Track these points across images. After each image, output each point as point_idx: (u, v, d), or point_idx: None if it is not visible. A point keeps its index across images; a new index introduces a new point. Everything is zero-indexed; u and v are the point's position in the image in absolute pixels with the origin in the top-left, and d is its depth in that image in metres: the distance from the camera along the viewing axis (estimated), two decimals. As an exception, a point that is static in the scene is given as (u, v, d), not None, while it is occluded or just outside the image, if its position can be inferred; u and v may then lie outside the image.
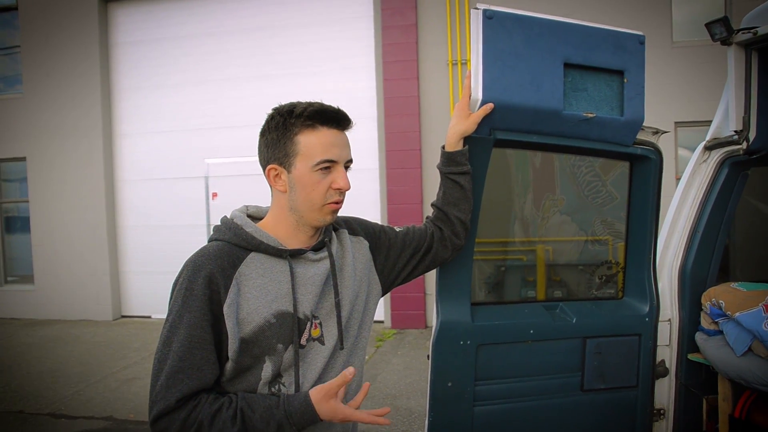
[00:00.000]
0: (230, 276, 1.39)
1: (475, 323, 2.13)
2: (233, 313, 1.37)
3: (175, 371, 1.32)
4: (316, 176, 1.43)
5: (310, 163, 1.42)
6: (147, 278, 9.48)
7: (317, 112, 1.43)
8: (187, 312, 1.34)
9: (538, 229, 2.53)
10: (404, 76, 8.34)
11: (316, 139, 1.42)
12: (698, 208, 2.55)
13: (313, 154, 1.42)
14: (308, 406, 1.37)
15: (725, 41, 2.35)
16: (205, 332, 1.35)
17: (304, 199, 1.45)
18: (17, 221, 10.36)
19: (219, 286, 1.37)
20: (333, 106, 1.46)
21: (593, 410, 2.33)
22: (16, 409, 5.40)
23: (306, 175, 1.43)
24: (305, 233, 1.51)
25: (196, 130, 9.25)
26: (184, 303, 1.35)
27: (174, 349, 1.33)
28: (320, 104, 1.45)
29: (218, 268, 1.38)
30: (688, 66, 7.66)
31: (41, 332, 8.73)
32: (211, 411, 1.32)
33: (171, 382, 1.31)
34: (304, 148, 1.42)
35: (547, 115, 1.97)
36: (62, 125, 9.59)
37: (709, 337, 2.46)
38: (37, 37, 9.69)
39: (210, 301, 1.35)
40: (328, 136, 1.43)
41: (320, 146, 1.42)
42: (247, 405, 1.35)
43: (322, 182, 1.44)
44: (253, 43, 9.04)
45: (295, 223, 1.49)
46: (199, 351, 1.34)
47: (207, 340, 1.35)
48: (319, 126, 1.43)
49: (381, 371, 6.23)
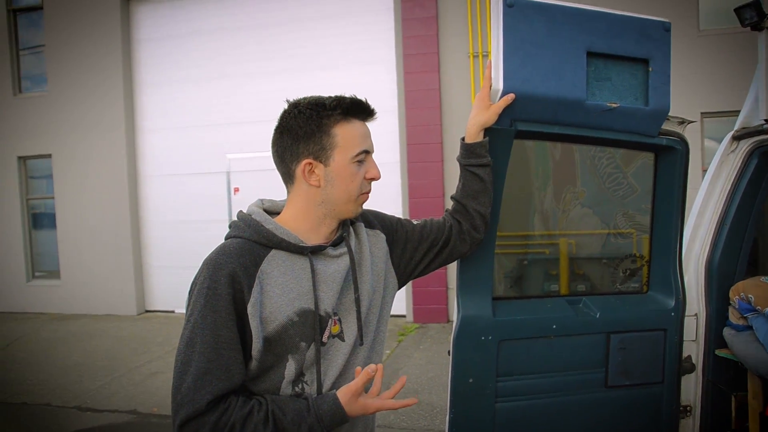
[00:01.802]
0: (253, 274, 1.37)
1: (496, 318, 2.10)
2: (257, 312, 1.35)
3: (202, 372, 1.28)
4: (354, 168, 1.45)
5: (350, 154, 1.44)
6: (170, 273, 9.58)
7: (352, 104, 1.44)
8: (210, 312, 1.31)
9: (559, 222, 2.49)
10: (425, 69, 8.29)
11: (352, 131, 1.44)
12: (726, 199, 2.49)
13: (352, 146, 1.44)
14: (338, 408, 1.36)
15: (756, 26, 2.28)
16: (232, 332, 1.32)
17: (343, 191, 1.46)
18: (44, 217, 10.54)
19: (242, 285, 1.34)
20: (362, 98, 1.48)
21: (617, 407, 2.29)
22: (43, 402, 5.51)
23: (345, 168, 1.44)
24: (328, 227, 1.50)
25: (217, 125, 9.31)
26: (207, 303, 1.32)
27: (199, 350, 1.30)
28: (352, 97, 1.46)
29: (241, 266, 1.36)
30: (715, 55, 7.50)
31: (67, 327, 8.88)
32: (243, 414, 1.30)
33: (199, 384, 1.28)
34: (342, 140, 1.43)
35: (570, 105, 1.92)
36: (86, 121, 9.73)
37: (737, 333, 2.40)
38: (61, 36, 9.83)
39: (234, 301, 1.33)
40: (361, 128, 1.47)
41: (359, 137, 1.45)
42: (278, 408, 1.34)
43: (359, 173, 1.46)
44: (273, 38, 9.06)
45: (321, 217, 1.48)
46: (226, 351, 1.31)
47: (234, 340, 1.33)
48: (351, 118, 1.45)
49: (403, 365, 6.22)
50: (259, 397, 1.37)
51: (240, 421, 1.29)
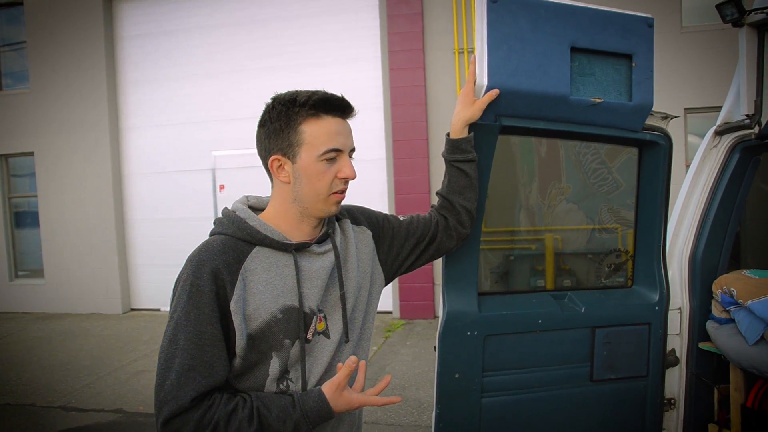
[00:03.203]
0: (236, 271, 1.36)
1: (482, 313, 2.10)
2: (240, 309, 1.35)
3: (186, 369, 1.28)
4: (322, 166, 1.41)
5: (316, 152, 1.40)
6: (155, 271, 9.51)
7: (321, 100, 1.40)
8: (194, 308, 1.31)
9: (544, 217, 2.50)
10: (410, 66, 8.29)
11: (321, 128, 1.40)
12: (709, 194, 2.51)
13: (319, 144, 1.39)
14: (323, 403, 1.36)
15: (737, 22, 2.30)
16: (215, 329, 1.32)
17: (310, 189, 1.42)
18: (27, 216, 10.42)
19: (225, 282, 1.34)
20: (336, 94, 1.43)
21: (602, 401, 2.30)
22: (27, 402, 5.44)
23: (311, 165, 1.41)
24: (309, 224, 1.48)
25: (203, 122, 9.25)
26: (190, 299, 1.31)
27: (182, 346, 1.29)
28: (323, 92, 1.42)
29: (224, 263, 1.35)
30: (697, 51, 7.57)
31: (51, 326, 8.79)
32: (227, 411, 1.29)
33: (183, 381, 1.27)
34: (309, 137, 1.39)
35: (554, 100, 1.93)
36: (69, 120, 9.62)
37: (720, 326, 2.43)
38: (43, 32, 9.71)
39: (217, 297, 1.32)
40: (332, 125, 1.41)
41: (325, 135, 1.40)
42: (263, 405, 1.33)
43: (328, 172, 1.42)
44: (259, 34, 9.02)
45: (298, 214, 1.46)
46: (209, 348, 1.31)
47: (217, 337, 1.32)
48: (323, 115, 1.40)
49: (390, 362, 6.22)
50: (244, 394, 1.36)
51: (224, 419, 1.28)
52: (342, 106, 1.43)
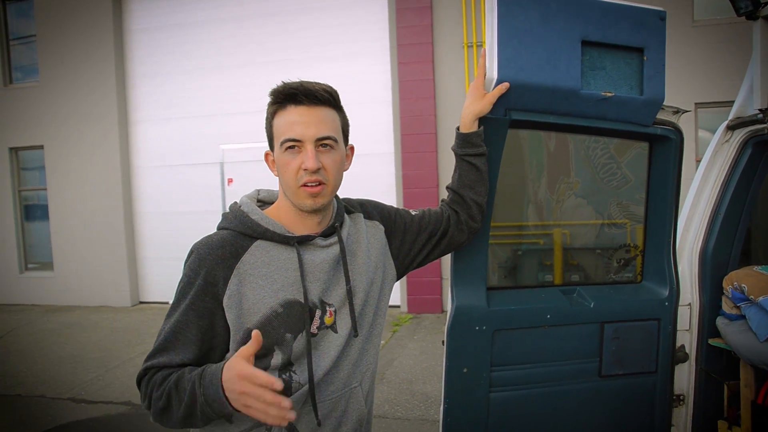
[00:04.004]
0: (231, 266, 1.37)
1: (490, 308, 2.10)
2: (234, 304, 1.36)
3: (158, 349, 1.37)
4: (286, 157, 1.39)
5: (278, 144, 1.40)
6: (164, 264, 9.56)
7: (279, 91, 1.40)
8: (182, 297, 1.37)
9: (553, 212, 2.48)
10: (419, 59, 8.26)
11: (283, 118, 1.40)
12: (720, 189, 2.49)
13: (279, 135, 1.40)
14: (217, 368, 1.25)
15: (751, 15, 2.27)
16: (194, 321, 1.36)
17: (283, 182, 1.43)
18: (36, 209, 10.48)
19: (217, 279, 1.36)
20: (297, 82, 1.40)
21: (611, 396, 2.29)
22: (37, 394, 5.49)
23: (279, 157, 1.41)
24: (309, 218, 1.47)
25: (211, 116, 9.26)
26: (183, 288, 1.38)
27: (165, 329, 1.37)
28: (287, 83, 1.41)
29: (219, 259, 1.37)
30: (709, 45, 7.50)
31: (61, 318, 8.86)
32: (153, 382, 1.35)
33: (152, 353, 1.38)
34: (276, 129, 1.41)
35: (564, 94, 1.91)
36: (78, 113, 9.66)
37: (730, 322, 2.41)
38: (52, 26, 9.74)
39: (207, 293, 1.36)
40: (292, 115, 1.39)
41: (285, 126, 1.39)
42: (175, 387, 1.31)
43: (292, 162, 1.39)
44: (267, 29, 9.01)
45: (293, 208, 1.45)
46: (181, 335, 1.36)
47: (193, 327, 1.36)
48: (288, 105, 1.39)
49: (397, 356, 6.23)
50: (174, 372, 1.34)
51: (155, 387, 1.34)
52: (296, 93, 1.38)
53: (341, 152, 1.46)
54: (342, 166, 1.47)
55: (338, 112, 1.46)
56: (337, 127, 1.44)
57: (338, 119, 1.45)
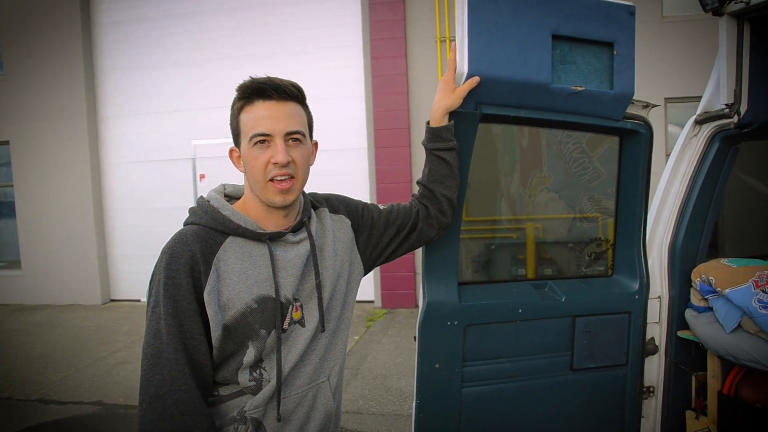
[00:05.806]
0: (209, 261, 1.35)
1: (462, 303, 2.09)
2: (213, 299, 1.34)
3: (173, 363, 1.31)
4: (254, 151, 1.40)
5: (246, 139, 1.40)
6: (135, 262, 9.40)
7: (247, 86, 1.40)
8: (171, 301, 1.31)
9: (525, 206, 2.49)
10: (392, 54, 8.24)
11: (250, 113, 1.40)
12: (688, 183, 2.52)
13: (247, 130, 1.40)
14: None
15: (717, 11, 2.30)
16: (194, 321, 1.33)
17: (251, 177, 1.43)
18: (3, 206, 10.24)
19: (200, 273, 1.34)
20: (265, 77, 1.41)
21: (583, 389, 2.31)
22: (3, 396, 5.36)
23: (246, 152, 1.41)
24: (276, 213, 1.47)
25: (183, 111, 9.13)
26: (167, 292, 1.31)
27: (166, 341, 1.30)
28: (254, 78, 1.41)
29: (197, 253, 1.34)
30: (678, 41, 7.60)
31: (29, 318, 8.67)
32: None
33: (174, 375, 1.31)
34: (243, 125, 1.41)
35: (535, 88, 1.91)
36: (45, 107, 9.44)
37: (698, 314, 2.44)
38: (17, 17, 9.49)
39: (194, 289, 1.33)
40: (260, 109, 1.40)
41: (253, 120, 1.40)
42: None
43: (261, 157, 1.39)
44: (239, 22, 8.90)
45: (260, 203, 1.45)
46: (190, 341, 1.32)
47: (196, 329, 1.33)
48: (255, 100, 1.40)
49: (371, 351, 6.22)
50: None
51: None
52: (265, 88, 1.39)
53: (308, 147, 1.48)
54: (309, 161, 1.49)
55: (304, 108, 1.47)
56: (304, 122, 1.46)
57: (305, 114, 1.47)
